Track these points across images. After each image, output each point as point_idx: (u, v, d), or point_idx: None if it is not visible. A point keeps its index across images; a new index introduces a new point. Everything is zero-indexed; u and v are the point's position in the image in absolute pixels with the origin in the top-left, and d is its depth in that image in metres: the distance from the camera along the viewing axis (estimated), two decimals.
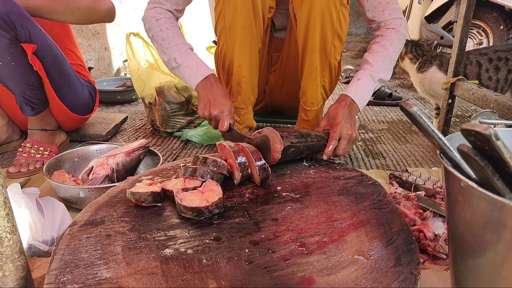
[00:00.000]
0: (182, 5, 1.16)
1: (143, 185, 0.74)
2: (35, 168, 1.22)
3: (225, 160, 0.85)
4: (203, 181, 0.79)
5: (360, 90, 1.05)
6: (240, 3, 1.04)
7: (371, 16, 1.13)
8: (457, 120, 1.89)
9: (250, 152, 0.82)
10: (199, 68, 1.08)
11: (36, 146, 1.26)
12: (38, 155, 1.25)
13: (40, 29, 1.18)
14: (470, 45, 2.42)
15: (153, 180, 0.79)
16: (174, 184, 0.76)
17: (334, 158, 1.02)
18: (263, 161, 0.81)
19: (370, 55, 1.09)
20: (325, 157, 0.95)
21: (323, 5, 1.00)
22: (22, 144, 1.27)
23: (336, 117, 1.00)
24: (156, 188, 0.73)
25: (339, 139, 0.99)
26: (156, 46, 1.14)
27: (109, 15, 1.26)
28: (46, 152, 1.27)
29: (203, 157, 0.83)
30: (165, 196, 0.76)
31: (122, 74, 2.78)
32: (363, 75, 1.07)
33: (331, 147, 0.96)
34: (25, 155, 1.23)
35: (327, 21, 1.03)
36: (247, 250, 0.61)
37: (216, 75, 1.11)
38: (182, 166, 0.89)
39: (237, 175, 0.82)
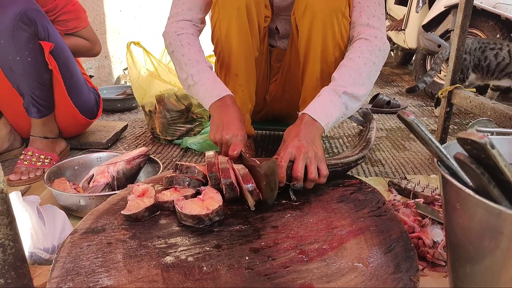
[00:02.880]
0: (204, 12, 1.13)
1: (134, 198, 0.74)
2: (36, 176, 1.22)
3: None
4: (198, 189, 0.79)
5: (320, 106, 0.91)
6: (234, 13, 1.05)
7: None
8: (455, 127, 1.90)
9: (242, 175, 0.77)
10: (214, 87, 1.00)
11: (37, 154, 1.27)
12: (39, 163, 1.25)
13: (56, 30, 1.24)
14: None
15: (149, 187, 0.80)
16: (170, 195, 0.77)
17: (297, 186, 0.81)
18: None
19: (337, 70, 0.97)
20: (280, 185, 0.78)
21: (325, 17, 1.01)
22: (23, 152, 1.27)
23: (287, 139, 0.87)
24: (148, 201, 0.72)
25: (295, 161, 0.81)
26: (174, 62, 1.08)
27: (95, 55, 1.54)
28: (47, 160, 1.27)
29: (180, 164, 0.84)
30: (163, 208, 0.76)
31: (122, 82, 2.79)
32: (324, 90, 0.94)
33: (281, 169, 0.78)
34: (26, 162, 1.24)
35: (329, 33, 1.03)
36: (247, 258, 0.61)
37: (233, 96, 1.02)
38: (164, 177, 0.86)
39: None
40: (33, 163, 1.24)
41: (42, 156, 1.27)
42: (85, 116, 1.42)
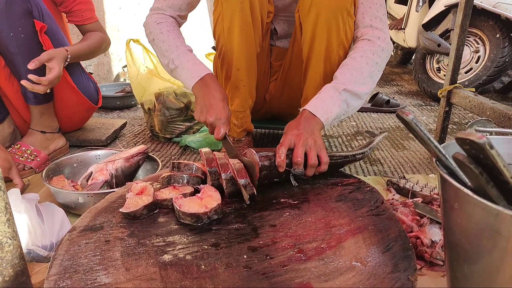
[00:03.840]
0: (185, 11, 1.16)
1: (132, 196, 0.74)
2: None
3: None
4: (196, 187, 0.80)
5: (319, 102, 0.93)
6: (238, 7, 1.05)
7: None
8: (454, 127, 1.90)
9: (237, 170, 0.79)
10: (195, 68, 1.03)
11: (23, 149, 1.25)
12: (22, 158, 1.24)
13: (51, 14, 1.25)
14: (467, 53, 2.43)
15: (148, 185, 0.79)
16: (169, 193, 0.77)
17: (303, 176, 0.84)
18: (246, 180, 0.77)
19: (339, 70, 1.00)
20: (280, 170, 0.81)
21: (330, 15, 1.01)
22: (13, 144, 1.27)
23: (287, 131, 0.89)
24: (147, 199, 0.72)
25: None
26: (156, 49, 1.12)
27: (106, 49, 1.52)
28: (31, 157, 1.25)
29: (177, 162, 0.84)
30: (161, 206, 0.76)
31: (122, 79, 2.79)
32: (325, 88, 0.97)
33: (279, 153, 0.81)
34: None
35: (334, 31, 1.03)
36: (245, 256, 0.61)
37: (213, 74, 1.05)
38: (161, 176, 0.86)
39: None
40: (17, 157, 1.23)
41: (28, 151, 1.26)
42: (89, 98, 1.44)
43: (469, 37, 2.46)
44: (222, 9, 1.08)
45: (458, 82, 1.41)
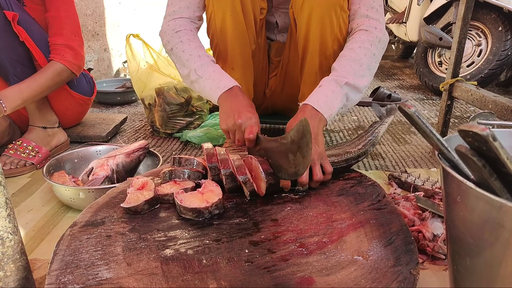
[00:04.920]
0: (202, 10, 1.10)
1: (133, 191, 0.74)
2: (17, 167, 1.20)
3: (251, 173, 0.79)
4: (198, 182, 0.79)
5: (322, 96, 0.90)
6: (229, 5, 1.03)
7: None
8: (456, 121, 1.89)
9: (236, 166, 0.79)
10: (221, 79, 0.97)
11: (25, 145, 1.25)
12: (24, 155, 1.24)
13: (18, 4, 1.19)
14: (468, 46, 2.42)
15: (149, 180, 0.79)
16: (170, 188, 0.76)
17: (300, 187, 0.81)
18: (246, 176, 0.77)
19: (337, 61, 0.97)
20: (285, 190, 0.80)
21: (323, 10, 1.00)
22: (14, 141, 1.27)
23: None
24: (148, 194, 0.72)
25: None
26: (174, 59, 1.06)
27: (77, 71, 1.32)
28: (33, 153, 1.25)
29: (178, 157, 0.84)
30: (162, 201, 0.76)
31: (122, 75, 2.78)
32: (326, 81, 0.93)
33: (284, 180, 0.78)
34: (12, 152, 1.23)
35: (327, 26, 1.02)
36: (247, 251, 0.61)
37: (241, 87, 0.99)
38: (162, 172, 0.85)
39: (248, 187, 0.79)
40: (18, 153, 1.23)
41: (29, 147, 1.26)
42: (78, 92, 1.40)
43: (471, 30, 2.44)
44: (214, 8, 1.06)
45: (460, 75, 1.40)
